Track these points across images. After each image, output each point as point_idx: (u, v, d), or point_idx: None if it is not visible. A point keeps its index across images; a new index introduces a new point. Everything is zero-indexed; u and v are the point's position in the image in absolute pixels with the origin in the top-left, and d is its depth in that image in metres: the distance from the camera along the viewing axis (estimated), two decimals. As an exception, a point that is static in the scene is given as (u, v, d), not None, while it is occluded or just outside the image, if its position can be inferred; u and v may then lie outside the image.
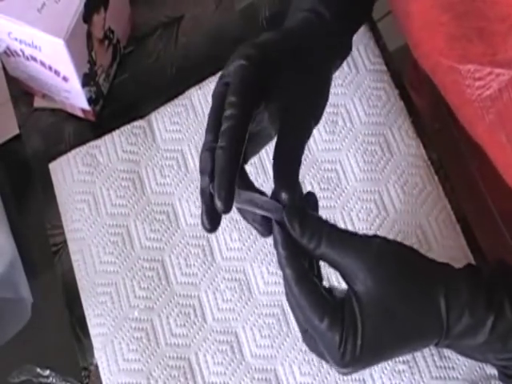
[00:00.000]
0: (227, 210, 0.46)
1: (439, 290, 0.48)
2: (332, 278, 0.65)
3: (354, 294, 0.47)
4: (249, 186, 0.51)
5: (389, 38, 0.74)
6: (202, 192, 0.49)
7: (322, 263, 0.50)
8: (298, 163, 0.50)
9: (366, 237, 0.49)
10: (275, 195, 0.49)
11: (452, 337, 0.48)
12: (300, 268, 0.48)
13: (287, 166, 0.50)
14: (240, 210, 0.51)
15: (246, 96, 0.49)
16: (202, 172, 0.49)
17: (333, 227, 0.49)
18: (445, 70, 0.52)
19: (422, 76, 0.80)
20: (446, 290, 0.48)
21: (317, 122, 0.53)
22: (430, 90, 0.78)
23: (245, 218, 0.51)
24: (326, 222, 0.49)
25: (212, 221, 0.49)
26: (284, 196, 0.48)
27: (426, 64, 0.56)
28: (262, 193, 0.51)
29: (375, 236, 0.49)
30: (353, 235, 0.49)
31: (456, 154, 0.75)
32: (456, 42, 0.50)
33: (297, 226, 0.48)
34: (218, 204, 0.46)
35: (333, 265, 0.49)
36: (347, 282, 0.48)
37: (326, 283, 0.50)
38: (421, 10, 0.52)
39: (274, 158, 0.50)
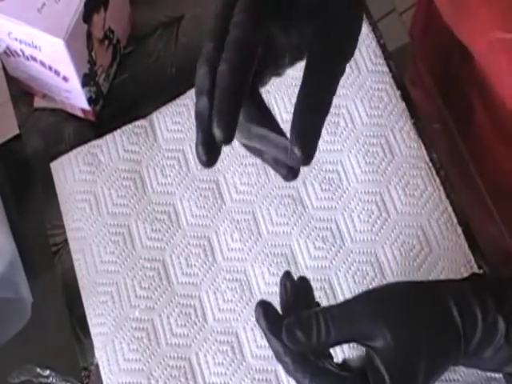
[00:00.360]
0: (227, 140, 0.39)
1: (447, 298, 0.48)
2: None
3: (376, 352, 0.47)
4: (265, 113, 0.44)
5: (389, 37, 0.74)
6: (199, 116, 0.41)
7: None
8: (325, 112, 0.42)
9: (360, 296, 0.49)
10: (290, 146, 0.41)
11: (470, 351, 0.48)
12: (309, 366, 0.47)
13: (311, 116, 0.41)
14: (255, 150, 0.44)
15: (262, 2, 0.40)
16: (198, 92, 0.41)
17: (329, 310, 0.48)
18: (504, 46, 0.50)
19: (424, 72, 0.80)
20: (453, 297, 0.48)
21: (348, 59, 0.44)
22: (431, 86, 0.78)
23: (264, 159, 0.45)
24: (322, 312, 0.47)
25: (209, 151, 0.41)
26: (297, 153, 0.40)
27: (479, 43, 0.54)
28: (278, 127, 0.43)
29: (366, 292, 0.49)
30: (348, 302, 0.48)
31: (456, 153, 0.75)
32: None
33: (301, 337, 0.46)
34: (217, 132, 0.39)
35: (346, 342, 0.48)
36: (365, 345, 0.48)
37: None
38: None
39: (296, 103, 0.42)
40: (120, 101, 0.74)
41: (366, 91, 0.71)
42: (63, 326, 0.68)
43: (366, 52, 0.72)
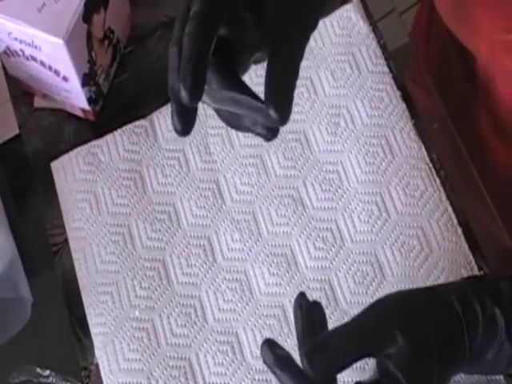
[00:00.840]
0: (193, 100, 0.41)
1: (452, 299, 0.48)
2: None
3: (390, 358, 0.47)
4: (242, 87, 0.45)
5: (389, 37, 0.74)
6: (172, 89, 0.44)
7: None
8: (295, 75, 0.44)
9: (369, 309, 0.49)
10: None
11: (474, 352, 0.48)
12: None
13: (281, 77, 0.43)
14: (231, 120, 0.46)
15: None
16: (170, 69, 0.45)
17: (343, 329, 0.48)
18: (506, 48, 0.50)
19: (424, 73, 0.80)
20: (457, 298, 0.48)
21: (313, 29, 0.47)
22: (432, 86, 0.78)
23: (242, 127, 0.46)
24: (336, 333, 0.47)
25: (183, 120, 0.44)
26: (273, 114, 0.42)
27: (482, 46, 0.54)
28: (257, 97, 0.44)
29: (372, 304, 0.50)
30: (358, 317, 0.49)
31: (456, 153, 0.75)
32: None
33: (321, 362, 0.46)
34: (183, 94, 0.41)
35: (364, 357, 0.48)
36: (380, 356, 0.48)
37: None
38: None
39: (267, 70, 0.43)
40: (120, 101, 0.74)
41: (366, 91, 0.71)
42: (63, 325, 0.68)
43: (366, 52, 0.72)
